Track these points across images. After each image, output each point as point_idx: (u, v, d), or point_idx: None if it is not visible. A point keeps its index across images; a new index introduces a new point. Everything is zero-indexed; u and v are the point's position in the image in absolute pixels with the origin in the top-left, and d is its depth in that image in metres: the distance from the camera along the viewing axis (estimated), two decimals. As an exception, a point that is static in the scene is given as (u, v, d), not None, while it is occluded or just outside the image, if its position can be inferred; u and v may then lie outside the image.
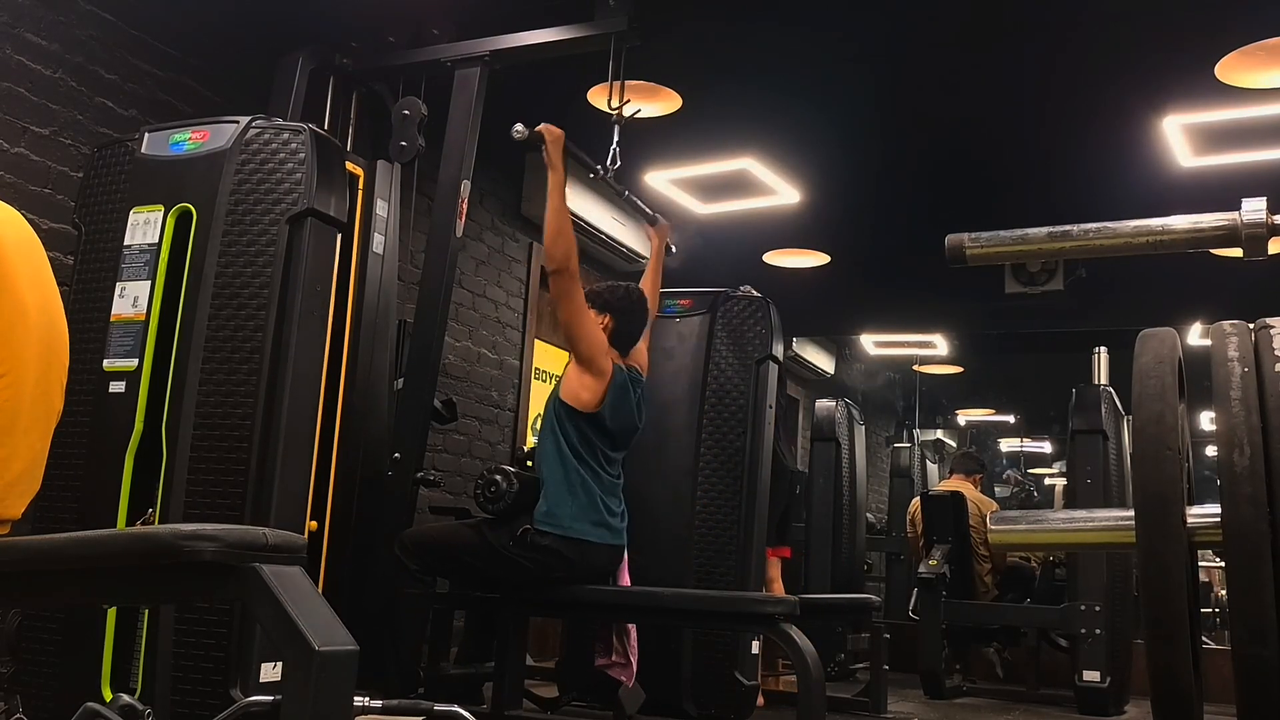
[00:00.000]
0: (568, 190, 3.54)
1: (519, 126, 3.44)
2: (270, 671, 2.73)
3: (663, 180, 5.71)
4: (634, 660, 3.63)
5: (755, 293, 4.35)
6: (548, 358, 6.24)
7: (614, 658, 3.62)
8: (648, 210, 4.13)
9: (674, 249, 4.19)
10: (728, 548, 3.98)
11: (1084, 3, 4.00)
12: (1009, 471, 10.49)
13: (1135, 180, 5.30)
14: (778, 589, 4.89)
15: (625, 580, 3.73)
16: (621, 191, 3.93)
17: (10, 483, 1.63)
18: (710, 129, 5.12)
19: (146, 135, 3.14)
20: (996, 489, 9.37)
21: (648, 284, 3.92)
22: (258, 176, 2.95)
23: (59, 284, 1.70)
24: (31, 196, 3.51)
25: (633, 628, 3.66)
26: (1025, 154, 5.33)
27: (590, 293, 3.67)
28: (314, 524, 3.20)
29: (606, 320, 3.62)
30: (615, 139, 3.76)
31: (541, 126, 3.48)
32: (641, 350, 3.79)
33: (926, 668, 5.51)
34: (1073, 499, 5.52)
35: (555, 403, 3.55)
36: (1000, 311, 7.16)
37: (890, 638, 4.78)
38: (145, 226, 3.04)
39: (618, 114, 3.76)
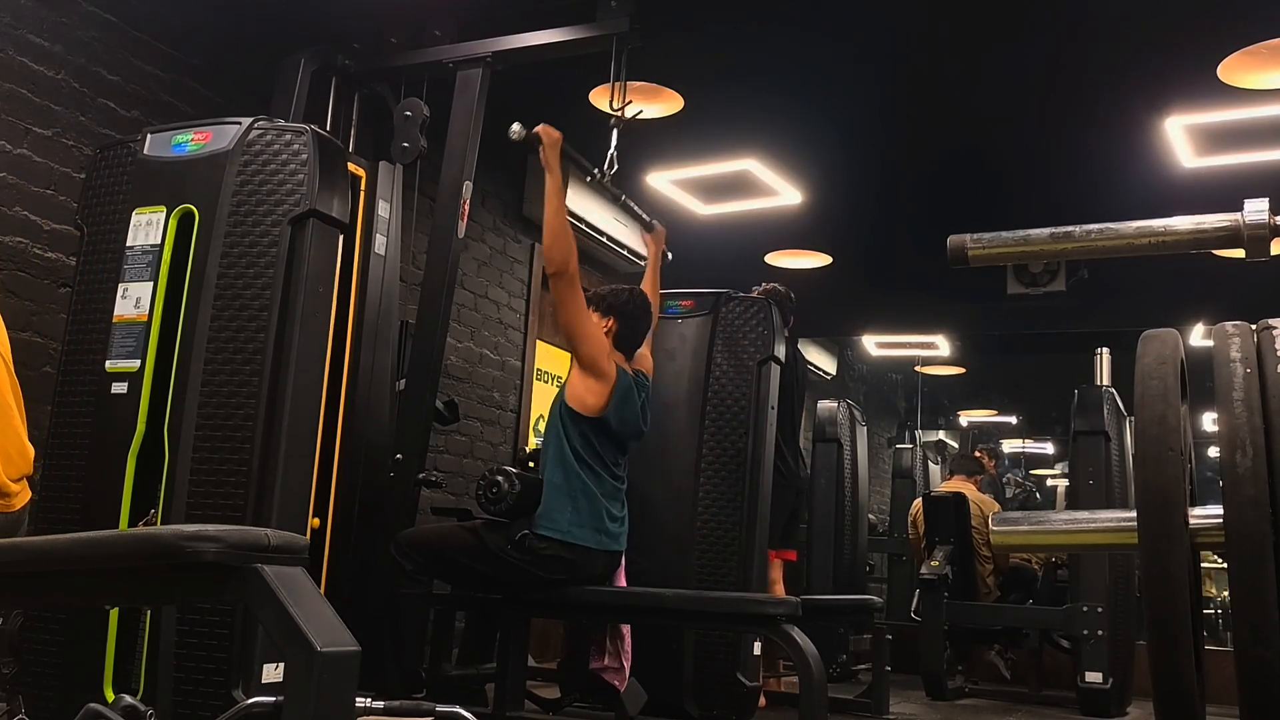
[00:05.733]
0: (568, 190, 3.54)
1: (516, 126, 3.43)
2: (272, 672, 2.73)
3: (664, 181, 5.71)
4: (627, 665, 3.62)
5: (780, 287, 4.39)
6: (549, 359, 6.24)
7: (607, 661, 3.61)
8: (644, 215, 4.12)
9: (669, 255, 4.18)
10: (729, 549, 3.98)
11: (1086, 4, 4.00)
12: (1009, 474, 10.47)
13: (1137, 181, 5.30)
14: (779, 590, 4.89)
15: (621, 582, 3.73)
16: (618, 196, 3.92)
17: None
18: (712, 130, 5.12)
19: (149, 136, 3.14)
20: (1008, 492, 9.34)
21: (647, 288, 3.90)
22: (260, 177, 2.95)
23: (62, 285, 1.70)
24: (34, 198, 3.52)
25: (627, 632, 3.65)
26: (1027, 155, 5.33)
27: (593, 296, 3.65)
28: (315, 520, 3.20)
29: (610, 323, 3.59)
30: (613, 142, 3.74)
31: (540, 128, 3.46)
32: (646, 355, 3.77)
33: (928, 669, 5.50)
34: (1075, 500, 5.51)
35: (560, 406, 3.52)
36: (1002, 312, 7.16)
37: (892, 639, 4.76)
38: (148, 227, 3.04)
39: (615, 117, 3.74)
